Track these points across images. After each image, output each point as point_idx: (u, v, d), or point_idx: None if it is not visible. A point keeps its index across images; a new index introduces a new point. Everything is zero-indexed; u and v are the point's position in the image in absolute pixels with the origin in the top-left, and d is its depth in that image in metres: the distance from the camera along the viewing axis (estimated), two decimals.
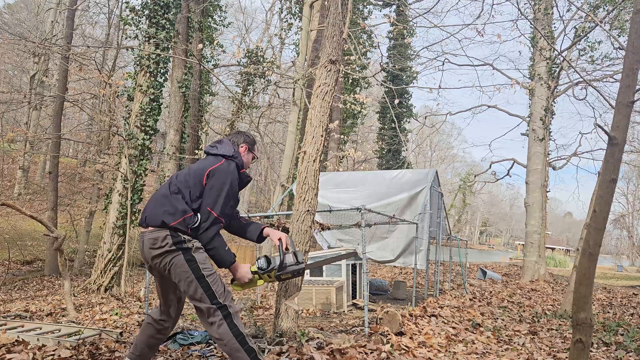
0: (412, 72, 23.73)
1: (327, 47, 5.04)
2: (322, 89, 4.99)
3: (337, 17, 5.06)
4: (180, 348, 4.89)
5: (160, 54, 12.01)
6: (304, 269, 3.39)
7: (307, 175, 4.96)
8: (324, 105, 4.97)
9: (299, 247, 4.73)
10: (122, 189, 11.50)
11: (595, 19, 10.68)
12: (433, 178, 10.59)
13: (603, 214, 2.63)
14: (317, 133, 4.98)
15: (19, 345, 4.45)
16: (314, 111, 5.00)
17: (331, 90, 5.02)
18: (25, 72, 28.02)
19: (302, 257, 3.39)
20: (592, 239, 2.63)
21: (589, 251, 2.63)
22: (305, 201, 4.89)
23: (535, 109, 16.65)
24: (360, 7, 21.53)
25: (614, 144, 2.58)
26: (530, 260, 16.13)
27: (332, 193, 10.99)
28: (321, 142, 4.97)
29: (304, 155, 4.94)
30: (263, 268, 3.31)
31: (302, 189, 4.93)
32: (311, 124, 5.00)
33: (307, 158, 4.94)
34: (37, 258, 17.83)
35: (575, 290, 2.68)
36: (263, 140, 14.99)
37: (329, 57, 4.98)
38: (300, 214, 4.86)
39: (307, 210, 4.85)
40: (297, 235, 4.84)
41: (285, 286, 4.80)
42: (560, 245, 60.27)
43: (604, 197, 2.62)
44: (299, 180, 4.97)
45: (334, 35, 5.01)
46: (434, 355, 4.94)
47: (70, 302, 7.64)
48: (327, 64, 4.99)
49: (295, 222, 4.86)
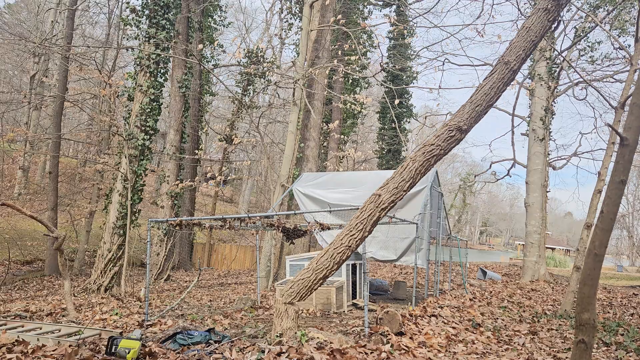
0: (412, 72, 23.73)
1: (462, 112, 4.63)
2: (431, 149, 4.67)
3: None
4: (180, 348, 4.89)
5: (160, 54, 12.00)
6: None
7: (369, 218, 4.75)
8: (425, 165, 4.67)
9: (318, 270, 4.75)
10: (122, 189, 11.50)
11: (595, 19, 10.68)
12: (433, 178, 10.58)
13: (610, 215, 2.59)
14: (401, 187, 4.71)
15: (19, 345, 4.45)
16: (413, 164, 4.68)
17: (440, 155, 4.66)
18: (25, 72, 28.01)
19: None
20: (598, 239, 2.59)
21: (594, 252, 2.60)
22: (353, 237, 4.77)
23: (535, 109, 16.64)
24: (360, 7, 21.52)
25: (625, 145, 2.55)
26: (530, 260, 16.12)
27: (332, 193, 10.98)
28: (400, 196, 4.72)
29: (377, 198, 4.73)
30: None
31: (357, 227, 4.77)
32: (402, 177, 4.69)
33: (381, 203, 4.72)
34: (37, 258, 17.83)
35: (579, 291, 2.65)
36: (263, 140, 14.97)
37: (459, 123, 4.59)
38: (341, 245, 4.76)
39: (349, 246, 4.76)
40: (324, 258, 4.81)
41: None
42: (560, 245, 60.22)
43: (612, 198, 2.58)
44: (360, 215, 4.78)
45: (475, 106, 4.56)
46: (434, 355, 4.94)
47: (70, 302, 7.63)
48: (453, 129, 4.60)
49: (331, 247, 4.80)
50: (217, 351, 4.63)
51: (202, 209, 31.69)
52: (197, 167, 20.61)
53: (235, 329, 6.46)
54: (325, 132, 19.05)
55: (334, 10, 15.17)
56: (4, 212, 21.21)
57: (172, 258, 16.58)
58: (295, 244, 13.54)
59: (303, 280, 4.92)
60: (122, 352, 4.23)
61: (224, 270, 20.81)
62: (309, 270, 4.92)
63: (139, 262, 17.93)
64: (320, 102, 14.86)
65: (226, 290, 12.79)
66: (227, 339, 5.25)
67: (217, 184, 19.05)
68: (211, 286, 14.12)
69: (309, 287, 4.91)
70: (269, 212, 10.05)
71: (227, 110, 34.38)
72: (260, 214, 7.42)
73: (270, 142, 23.50)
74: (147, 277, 7.29)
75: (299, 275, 5.04)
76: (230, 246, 23.45)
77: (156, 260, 14.89)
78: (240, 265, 22.48)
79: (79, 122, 30.77)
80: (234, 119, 22.04)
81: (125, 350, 4.23)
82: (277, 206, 11.84)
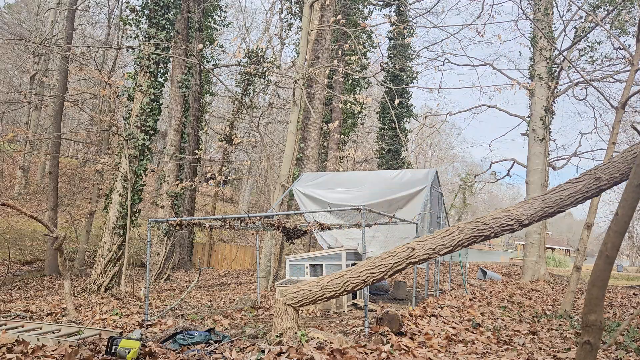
0: (412, 72, 23.72)
1: (529, 206, 4.17)
2: (483, 228, 4.27)
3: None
4: (180, 348, 4.89)
5: (160, 54, 12.00)
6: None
7: (394, 265, 4.58)
8: (470, 240, 4.31)
9: (326, 289, 4.71)
10: (122, 189, 11.50)
11: (595, 19, 10.67)
12: (433, 178, 10.58)
13: (625, 217, 2.55)
14: (437, 250, 4.42)
15: (19, 345, 4.45)
16: (459, 234, 4.33)
17: (488, 236, 4.30)
18: (25, 72, 28.00)
19: None
20: (610, 241, 2.56)
21: (605, 253, 2.56)
22: (372, 274, 4.62)
23: (535, 109, 16.64)
24: (360, 7, 21.52)
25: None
26: (531, 260, 16.13)
27: (332, 193, 10.98)
28: (432, 257, 4.47)
29: (411, 250, 4.51)
30: None
31: (379, 267, 4.60)
32: (442, 241, 4.38)
33: (412, 256, 4.51)
34: (37, 258, 17.83)
35: (587, 292, 2.63)
36: (263, 140, 14.98)
37: (521, 216, 4.10)
38: (357, 277, 4.66)
39: (365, 281, 4.65)
40: (337, 281, 4.77)
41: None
42: (560, 245, 60.22)
43: (628, 201, 2.53)
44: (387, 257, 4.61)
45: (546, 207, 4.05)
46: (434, 355, 4.94)
47: (70, 302, 7.63)
48: (514, 219, 4.13)
49: (347, 274, 4.70)
50: (217, 351, 4.63)
51: (202, 209, 31.69)
52: (197, 167, 20.61)
53: (235, 329, 6.47)
54: (325, 132, 19.06)
55: (334, 10, 15.18)
56: (4, 212, 21.21)
57: (172, 258, 16.58)
58: (295, 244, 13.54)
59: (310, 292, 4.88)
60: (122, 352, 4.23)
61: (224, 270, 20.81)
62: (317, 285, 4.87)
63: (139, 262, 17.93)
64: (320, 102, 14.86)
65: (226, 290, 12.79)
66: (227, 339, 5.25)
67: (217, 184, 19.05)
68: (211, 286, 14.13)
69: (312, 300, 4.89)
70: (269, 212, 10.05)
71: (227, 110, 34.38)
72: (260, 214, 7.42)
73: (270, 142, 23.51)
74: (147, 277, 7.29)
75: (307, 284, 4.99)
76: (230, 246, 23.45)
77: (156, 260, 14.89)
78: (240, 265, 22.48)
79: (79, 122, 30.77)
80: (234, 119, 22.04)
81: (125, 350, 4.23)
82: (277, 206, 11.84)
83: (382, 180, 11.19)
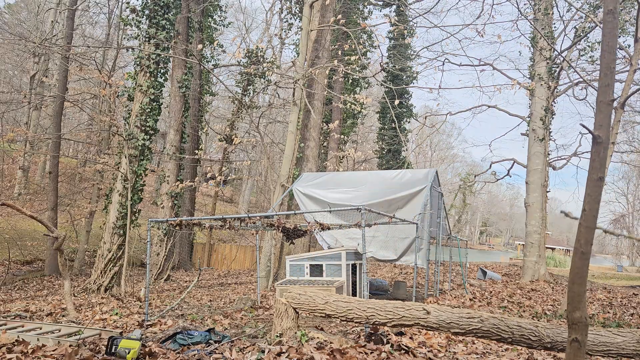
0: (412, 72, 23.73)
1: None
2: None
3: None
4: (180, 348, 4.89)
5: (160, 54, 12.00)
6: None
7: (403, 317, 4.50)
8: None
9: (329, 306, 4.75)
10: (122, 189, 11.50)
11: (595, 19, 10.68)
12: (433, 178, 10.59)
13: (593, 212, 2.63)
14: (450, 327, 4.27)
15: (19, 345, 4.45)
16: (479, 324, 4.17)
17: None
18: (25, 72, 28.01)
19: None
20: (583, 237, 2.63)
21: (580, 250, 2.63)
22: (377, 315, 4.58)
23: (535, 109, 16.64)
24: (360, 7, 21.52)
25: (598, 142, 2.60)
26: (530, 260, 16.12)
27: (332, 193, 10.99)
28: (443, 328, 4.34)
29: (425, 313, 4.32)
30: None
31: (386, 313, 4.51)
32: (459, 323, 4.25)
33: (423, 319, 4.34)
34: (37, 258, 17.83)
35: (569, 290, 2.68)
36: (263, 140, 14.98)
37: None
38: (363, 313, 4.61)
39: (367, 318, 4.66)
40: (342, 305, 4.76)
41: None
42: (560, 245, 60.24)
43: (592, 196, 2.62)
44: (399, 307, 4.52)
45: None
46: (434, 355, 4.94)
47: (70, 302, 7.64)
48: None
49: (356, 303, 4.65)
50: (217, 351, 4.63)
51: (202, 209, 31.69)
52: (197, 167, 20.61)
53: (235, 329, 6.47)
54: (325, 132, 19.06)
55: (334, 10, 15.18)
56: (4, 212, 21.21)
57: (172, 258, 16.58)
58: (295, 244, 13.54)
59: (313, 301, 4.86)
60: (122, 352, 4.23)
61: (224, 270, 20.81)
62: (322, 299, 4.83)
63: (139, 262, 17.93)
64: (320, 102, 14.86)
65: (226, 290, 12.79)
66: (227, 339, 5.26)
67: (217, 184, 19.05)
68: (211, 286, 14.13)
69: (312, 310, 4.89)
70: (269, 212, 10.05)
71: (227, 110, 34.38)
72: (260, 214, 7.42)
73: (270, 142, 23.51)
74: (147, 277, 7.30)
75: (313, 292, 4.97)
76: (230, 246, 23.45)
77: (156, 260, 14.89)
78: (240, 265, 22.49)
79: (79, 122, 30.77)
80: (234, 119, 22.04)
81: (125, 351, 4.23)
82: (277, 206, 11.84)
83: (382, 180, 11.19)
